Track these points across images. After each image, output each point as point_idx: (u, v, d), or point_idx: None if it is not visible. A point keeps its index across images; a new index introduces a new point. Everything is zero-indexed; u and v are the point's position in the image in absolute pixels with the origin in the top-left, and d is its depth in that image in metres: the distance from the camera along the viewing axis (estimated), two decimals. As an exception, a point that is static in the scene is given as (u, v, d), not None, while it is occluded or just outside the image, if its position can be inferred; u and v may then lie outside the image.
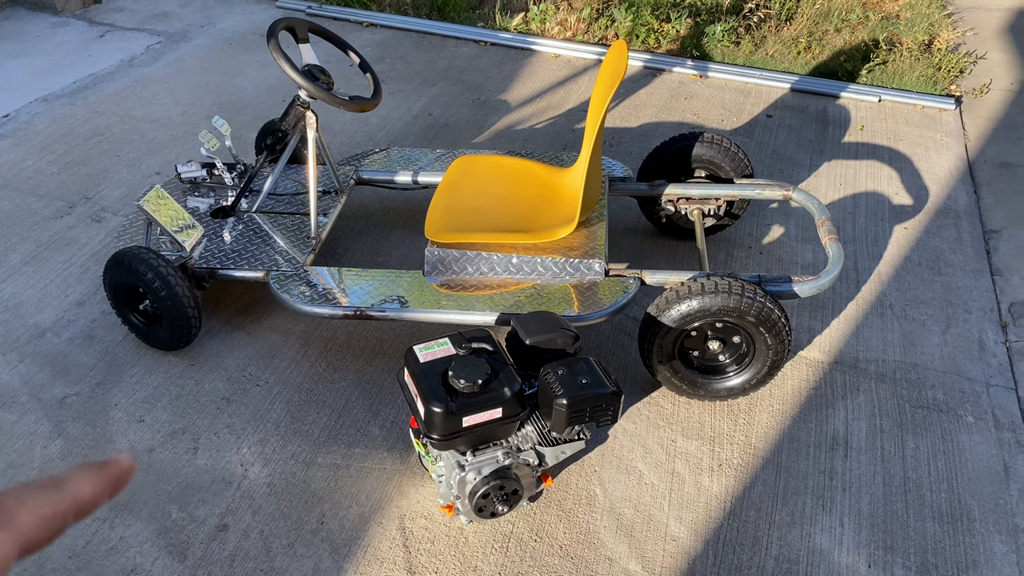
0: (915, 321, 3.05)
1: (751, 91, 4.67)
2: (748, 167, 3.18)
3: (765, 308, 2.43)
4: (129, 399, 2.66)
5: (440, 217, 2.81)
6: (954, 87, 4.74)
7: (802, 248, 3.42)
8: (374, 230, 3.46)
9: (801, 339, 2.96)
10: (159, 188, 2.87)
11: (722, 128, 4.28)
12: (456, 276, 2.72)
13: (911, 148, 4.15)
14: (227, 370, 2.78)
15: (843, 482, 2.46)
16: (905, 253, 3.41)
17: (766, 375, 2.58)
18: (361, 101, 2.80)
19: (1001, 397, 2.75)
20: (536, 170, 3.06)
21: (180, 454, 2.48)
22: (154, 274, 2.60)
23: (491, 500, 2.16)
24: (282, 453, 2.49)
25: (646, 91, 4.65)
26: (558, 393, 2.07)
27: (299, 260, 2.82)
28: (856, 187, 3.83)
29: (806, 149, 4.13)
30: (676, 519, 2.34)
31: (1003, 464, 2.52)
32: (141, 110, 4.32)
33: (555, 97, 4.55)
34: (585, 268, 2.68)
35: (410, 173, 3.31)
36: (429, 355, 2.16)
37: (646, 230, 3.46)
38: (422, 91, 4.59)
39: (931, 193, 3.80)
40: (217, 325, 2.95)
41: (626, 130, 4.25)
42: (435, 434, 2.07)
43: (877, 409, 2.69)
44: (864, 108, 4.52)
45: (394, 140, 4.12)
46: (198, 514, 2.31)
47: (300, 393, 2.70)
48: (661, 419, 2.63)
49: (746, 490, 2.43)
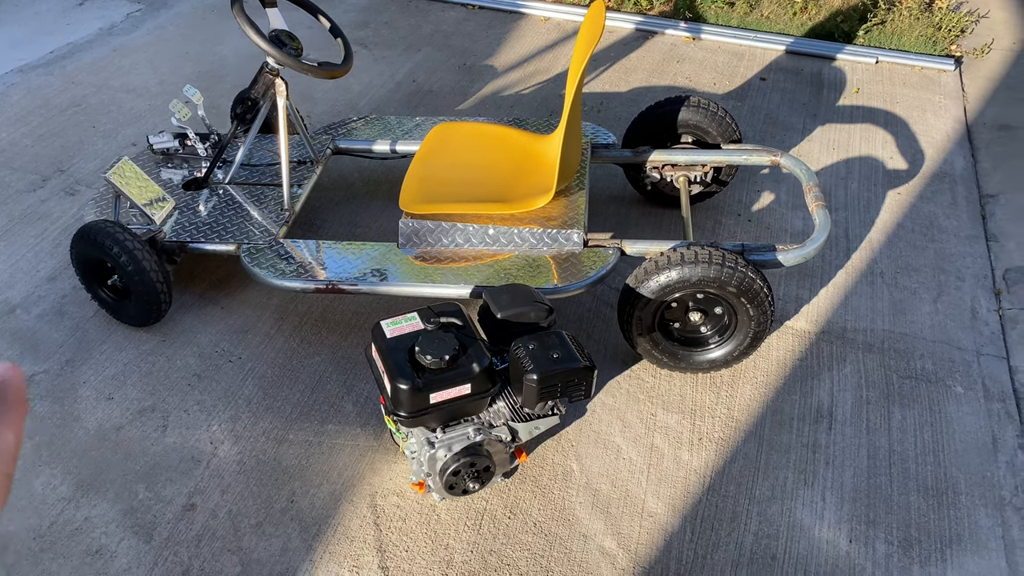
0: (906, 289, 2.98)
1: (745, 54, 4.55)
2: (736, 132, 3.08)
3: (747, 278, 2.35)
4: (98, 376, 2.61)
5: (415, 187, 2.73)
6: (954, 47, 4.60)
7: (792, 215, 3.34)
8: (353, 200, 3.38)
9: (788, 308, 2.88)
10: (127, 160, 2.80)
11: (714, 92, 4.17)
12: (431, 248, 2.65)
13: (908, 111, 4.04)
14: (199, 346, 2.72)
15: (826, 455, 2.40)
16: (898, 219, 3.32)
17: (748, 347, 2.51)
18: (331, 67, 2.71)
19: (992, 367, 2.68)
20: (515, 138, 2.97)
21: (149, 432, 2.44)
22: (120, 249, 2.53)
23: (462, 477, 2.11)
24: (253, 430, 2.44)
25: (637, 54, 4.53)
26: (528, 368, 2.01)
27: (272, 232, 2.75)
28: (850, 152, 3.73)
29: (800, 113, 4.02)
30: (654, 495, 2.29)
31: (991, 436, 2.45)
32: (119, 80, 4.23)
33: (543, 61, 4.44)
34: (563, 238, 2.60)
35: (389, 142, 3.22)
36: (396, 330, 2.10)
37: (632, 198, 3.38)
38: (407, 57, 4.48)
39: (927, 157, 3.70)
40: (190, 299, 2.89)
41: (615, 95, 4.14)
42: (402, 411, 2.01)
43: (863, 380, 2.63)
44: (860, 70, 4.40)
45: (377, 108, 4.03)
46: (165, 493, 2.26)
47: (273, 369, 2.64)
48: (641, 392, 2.57)
49: (726, 464, 2.37)
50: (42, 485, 2.28)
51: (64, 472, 2.32)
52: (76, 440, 2.41)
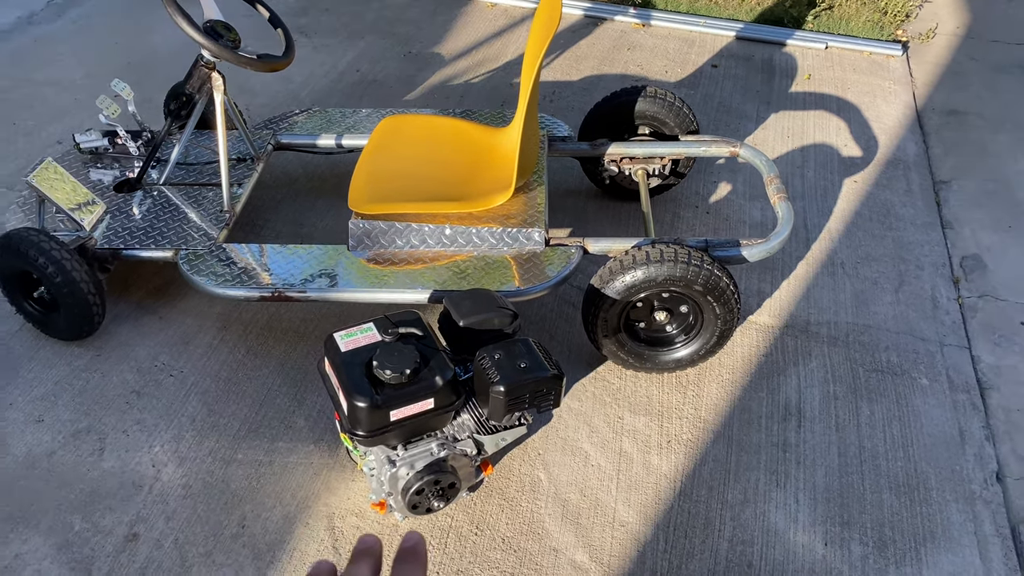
0: (867, 280, 2.95)
1: (696, 40, 4.48)
2: (694, 122, 3.01)
3: (713, 276, 2.28)
4: (26, 397, 2.42)
5: (365, 185, 2.59)
6: (900, 32, 4.61)
7: (750, 206, 3.28)
8: (297, 199, 3.22)
9: (750, 303, 2.83)
10: (51, 161, 2.60)
11: (666, 80, 4.10)
12: (384, 250, 2.52)
13: (859, 97, 4.03)
14: (137, 360, 2.54)
15: (797, 454, 2.35)
16: (855, 208, 3.29)
17: (715, 345, 2.45)
18: (271, 60, 2.55)
19: (955, 357, 2.66)
20: (469, 131, 2.85)
21: (84, 457, 2.26)
22: (46, 259, 2.34)
23: (426, 496, 2.00)
24: (198, 451, 2.29)
25: (587, 41, 4.43)
26: (495, 379, 1.90)
27: (212, 236, 2.59)
28: (804, 139, 3.69)
29: (753, 100, 3.97)
30: (624, 503, 2.20)
31: (958, 428, 2.44)
32: (41, 72, 3.97)
33: (492, 49, 4.31)
34: (524, 238, 2.49)
35: (334, 136, 3.07)
36: (351, 343, 1.96)
37: (589, 191, 3.28)
38: (349, 45, 4.31)
39: (880, 144, 3.68)
40: (126, 310, 2.71)
41: (567, 84, 4.04)
42: (360, 430, 1.89)
43: (830, 375, 2.59)
44: (811, 56, 4.37)
45: (319, 99, 3.85)
46: (104, 523, 2.10)
47: (218, 383, 2.48)
48: (608, 395, 2.49)
49: (697, 467, 2.31)
50: (-34, 520, 2.10)
51: (-10, 505, 2.14)
52: (3, 469, 2.22)
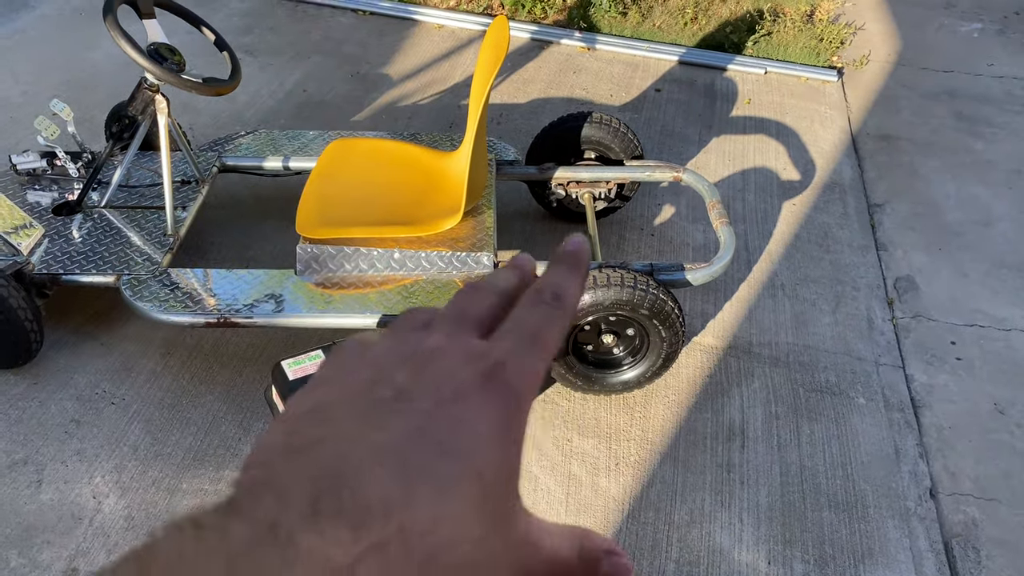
0: (806, 301, 3.04)
1: (639, 64, 4.57)
2: (638, 147, 3.07)
3: (658, 300, 2.33)
4: (-41, 428, 2.34)
5: (313, 209, 2.58)
6: (836, 58, 4.77)
7: (693, 228, 3.36)
8: (243, 221, 3.18)
9: (695, 324, 2.89)
10: (-14, 184, 2.53)
11: (611, 104, 4.17)
12: (333, 274, 2.51)
13: (797, 121, 4.15)
14: (77, 388, 2.48)
15: (741, 474, 2.40)
16: (794, 230, 3.39)
17: (661, 367, 2.49)
18: (217, 84, 2.53)
19: (890, 376, 2.76)
20: (418, 155, 2.86)
21: (21, 489, 2.20)
22: (-19, 285, 2.28)
23: (375, 524, 1.99)
24: (141, 480, 2.24)
25: (534, 64, 4.48)
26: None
27: (155, 260, 2.54)
28: (745, 163, 3.79)
29: (695, 124, 4.07)
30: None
31: (894, 446, 2.52)
32: (-26, 89, 3.86)
33: (440, 71, 4.33)
34: (473, 261, 2.51)
35: (280, 158, 3.05)
36: (299, 371, 1.96)
37: (536, 213, 3.32)
38: (295, 65, 4.28)
39: (817, 167, 3.80)
40: (64, 336, 2.64)
41: (514, 106, 4.08)
42: (309, 459, 1.87)
43: (772, 395, 2.65)
44: (751, 80, 4.49)
45: (265, 120, 3.82)
46: (42, 558, 2.04)
47: (161, 410, 2.44)
48: (556, 417, 2.51)
49: (644, 489, 2.34)
50: None
51: (-80, 541, 2.06)
52: (-66, 503, 2.15)
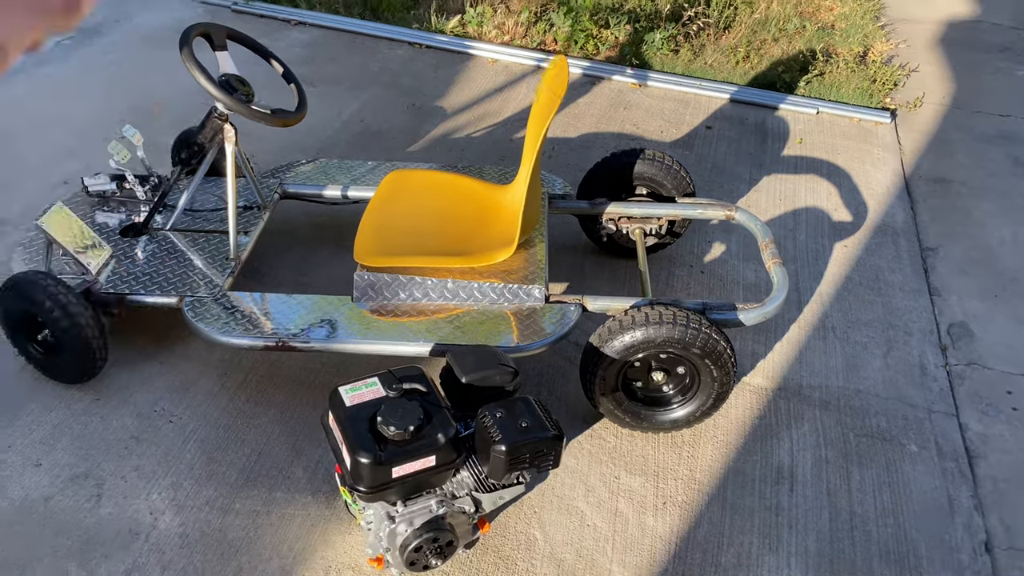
0: (857, 344, 3.01)
1: (690, 101, 4.60)
2: (690, 185, 3.09)
3: (711, 340, 2.33)
4: (25, 439, 2.42)
5: (370, 238, 2.64)
6: (889, 100, 4.75)
7: (744, 267, 3.35)
8: (300, 247, 3.26)
9: (744, 364, 2.88)
10: (61, 204, 2.64)
11: (662, 140, 4.20)
12: (388, 302, 2.56)
13: (849, 162, 4.14)
14: (136, 405, 2.55)
15: (789, 518, 2.38)
16: (845, 272, 3.37)
17: (711, 407, 2.49)
18: (284, 115, 2.61)
19: (943, 424, 2.71)
20: (473, 187, 2.91)
21: (81, 502, 2.26)
22: (52, 303, 2.37)
23: (424, 553, 2.01)
24: (196, 499, 2.29)
25: (585, 100, 4.54)
26: (496, 439, 1.93)
27: (217, 284, 2.62)
28: (796, 203, 3.78)
29: (746, 162, 4.07)
30: (620, 564, 2.22)
31: (947, 496, 2.48)
32: (48, 112, 4.02)
33: (492, 104, 4.40)
34: (524, 294, 2.54)
35: (339, 187, 3.12)
36: (356, 397, 1.99)
37: (586, 247, 3.34)
38: (353, 95, 4.39)
39: (869, 209, 3.78)
40: (127, 354, 2.72)
41: (565, 140, 4.13)
42: (362, 486, 1.91)
43: (822, 439, 2.63)
44: (803, 120, 4.49)
45: (324, 148, 3.92)
46: (100, 572, 2.09)
47: (217, 430, 2.49)
48: (604, 453, 2.52)
49: (691, 530, 2.33)
50: (-40, 565, 2.09)
51: (-15, 550, 2.13)
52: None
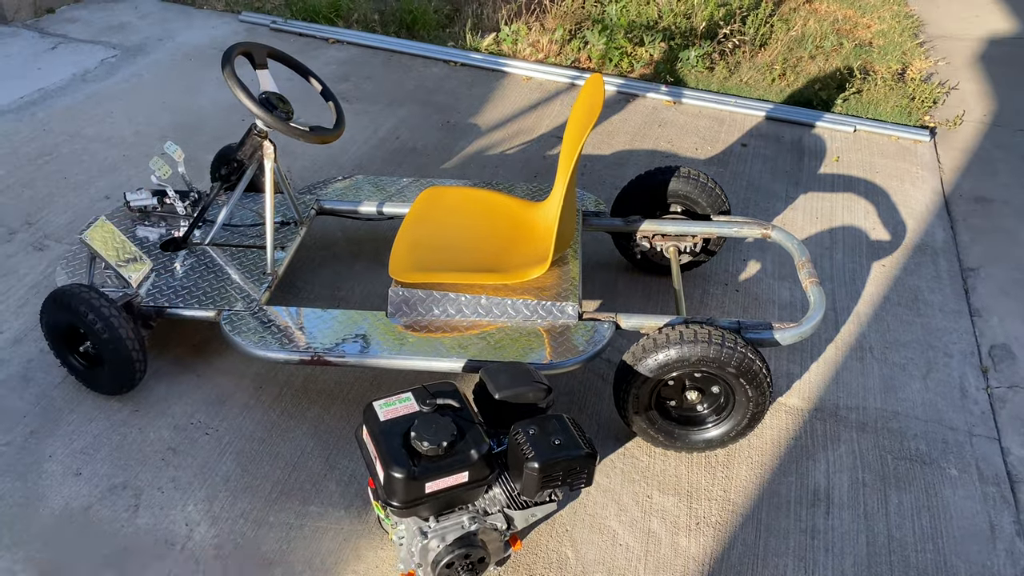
0: (895, 365, 2.96)
1: (725, 119, 4.59)
2: (725, 203, 3.08)
3: (746, 359, 2.31)
4: (66, 449, 2.46)
5: (405, 254, 2.66)
6: (928, 118, 4.69)
7: (779, 286, 3.32)
8: (336, 262, 3.29)
9: (780, 384, 2.85)
10: (104, 219, 2.69)
11: (696, 157, 4.19)
12: (422, 318, 2.57)
13: (887, 180, 4.09)
14: (174, 417, 2.59)
15: (825, 541, 2.34)
16: (883, 292, 3.33)
17: (746, 427, 2.46)
18: (322, 132, 2.65)
19: (984, 448, 2.66)
20: (507, 204, 2.92)
21: (119, 512, 2.29)
22: (95, 315, 2.41)
23: (456, 569, 2.01)
24: (231, 511, 2.32)
25: (619, 117, 4.54)
26: (529, 456, 1.93)
27: (254, 298, 2.65)
28: (833, 221, 3.75)
29: (782, 180, 4.04)
30: (652, 584, 2.20)
31: (988, 521, 2.42)
32: (92, 128, 4.11)
33: (527, 121, 4.43)
34: (558, 311, 2.54)
35: (375, 203, 3.15)
36: (390, 412, 2.00)
37: (619, 265, 3.34)
38: (389, 112, 4.44)
39: (908, 228, 3.73)
40: (164, 366, 2.76)
41: (599, 157, 4.13)
42: (396, 501, 1.91)
43: (859, 461, 2.59)
44: (839, 138, 4.46)
45: (359, 164, 3.96)
46: (136, 582, 2.13)
47: (252, 443, 2.52)
48: (636, 473, 2.50)
49: (725, 551, 2.30)
50: (2, 573, 2.13)
51: (26, 558, 2.16)
52: (40, 521, 2.26)
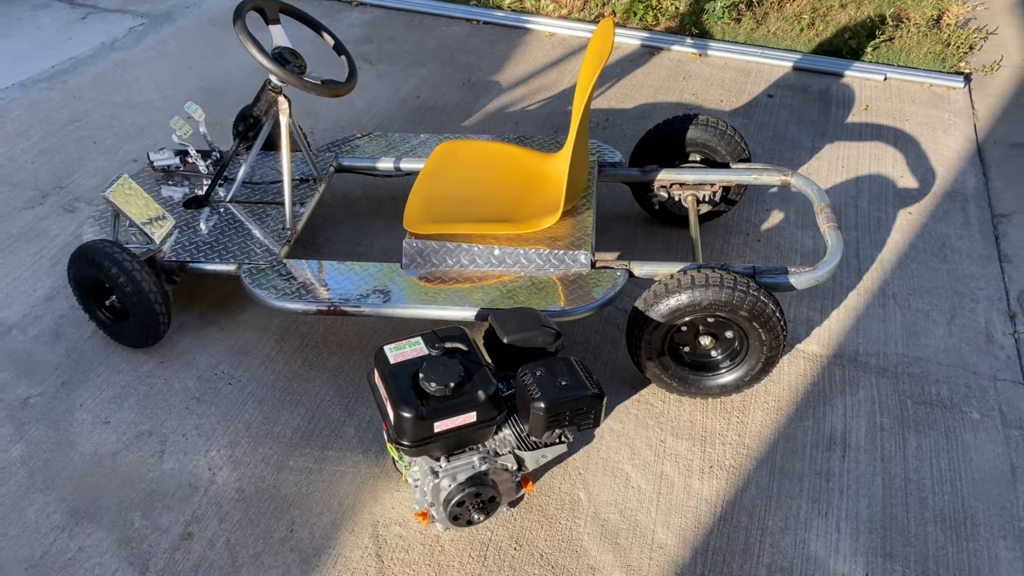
0: (919, 312, 2.92)
1: (752, 70, 4.51)
2: (745, 151, 3.04)
3: (759, 302, 2.30)
4: (95, 399, 2.55)
5: (419, 207, 2.68)
6: (963, 64, 4.56)
7: (802, 235, 3.28)
8: (356, 219, 3.33)
9: (799, 331, 2.82)
10: (127, 178, 2.75)
11: (721, 109, 4.13)
12: (436, 269, 2.60)
13: (917, 128, 3.99)
14: (198, 368, 2.66)
15: (840, 484, 2.34)
16: (909, 239, 3.27)
17: (760, 372, 2.45)
18: (334, 85, 2.67)
19: (1009, 392, 2.61)
20: (521, 156, 2.92)
21: (146, 457, 2.38)
22: (119, 269, 2.48)
23: (467, 508, 2.05)
24: (252, 456, 2.38)
25: (643, 71, 4.49)
26: (536, 396, 1.95)
27: (273, 252, 2.70)
28: (859, 170, 3.68)
29: (808, 130, 3.97)
30: (663, 525, 2.22)
31: (1010, 464, 2.39)
32: (121, 95, 4.19)
33: (548, 78, 4.40)
34: (570, 260, 2.55)
35: (392, 159, 3.18)
36: (400, 356, 2.04)
37: (638, 216, 3.32)
38: (411, 72, 4.45)
39: (938, 176, 3.65)
40: (189, 320, 2.84)
41: (621, 111, 4.10)
42: (405, 440, 1.96)
43: (877, 406, 2.57)
44: (869, 87, 4.35)
45: (381, 123, 3.98)
46: (162, 522, 2.20)
47: (273, 392, 2.58)
48: (650, 418, 2.51)
49: (738, 493, 2.31)
50: (35, 513, 2.22)
51: (58, 499, 2.26)
52: (71, 466, 2.35)
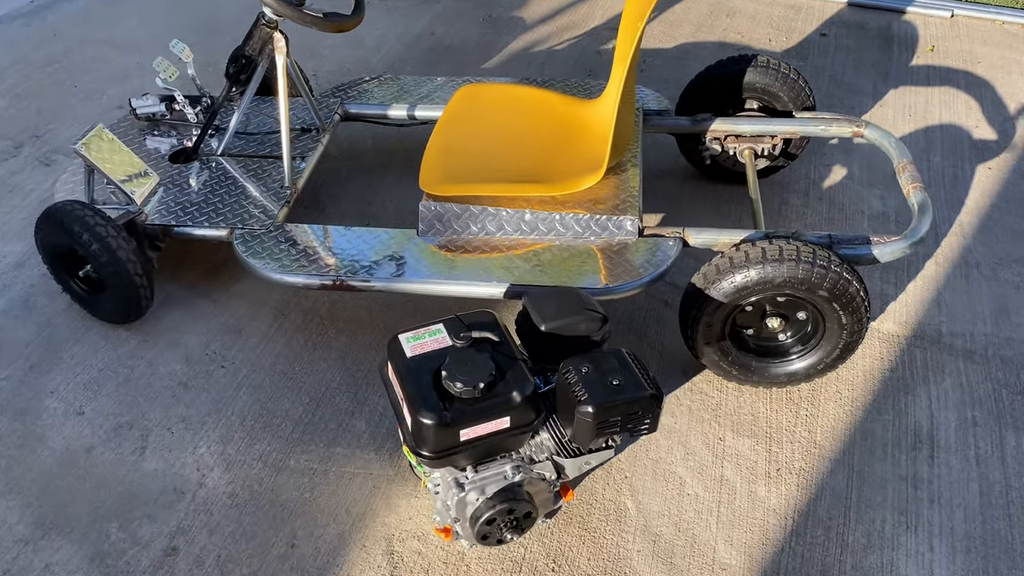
0: (1007, 284, 2.56)
1: (802, 6, 4.08)
2: (810, 97, 2.66)
3: (841, 280, 1.94)
4: (68, 384, 2.24)
5: (438, 162, 2.32)
6: (1038, -1, 4.10)
7: (868, 193, 2.91)
8: (365, 174, 2.98)
9: (872, 307, 2.47)
10: (102, 127, 2.41)
11: (771, 49, 3.71)
12: (457, 236, 2.25)
13: (991, 71, 3.58)
14: (186, 348, 2.34)
15: (930, 492, 2.01)
16: (990, 199, 2.89)
17: (837, 359, 2.11)
18: (339, 19, 2.29)
19: (1118, 381, 2.27)
20: (555, 102, 2.55)
21: (124, 455, 2.07)
22: (91, 236, 2.15)
23: (497, 526, 1.73)
24: (247, 454, 2.07)
25: (682, 6, 4.07)
26: (582, 398, 1.62)
27: (270, 214, 2.36)
28: (928, 119, 3.27)
29: (868, 74, 3.56)
30: (726, 540, 1.91)
31: None
32: (104, 32, 3.81)
33: (578, 13, 3.99)
34: (615, 226, 2.19)
35: (406, 106, 2.81)
36: (418, 347, 1.71)
37: (685, 172, 2.95)
38: (425, 7, 4.04)
39: (1017, 126, 3.25)
40: (177, 291, 2.51)
41: (659, 52, 3.69)
42: (425, 450, 1.63)
43: (967, 396, 2.22)
44: (934, 24, 3.92)
45: (392, 65, 3.61)
46: (142, 534, 1.90)
47: (272, 377, 2.26)
48: (706, 411, 2.18)
49: (811, 502, 1.99)
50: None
51: (23, 505, 1.96)
52: (39, 465, 2.04)
